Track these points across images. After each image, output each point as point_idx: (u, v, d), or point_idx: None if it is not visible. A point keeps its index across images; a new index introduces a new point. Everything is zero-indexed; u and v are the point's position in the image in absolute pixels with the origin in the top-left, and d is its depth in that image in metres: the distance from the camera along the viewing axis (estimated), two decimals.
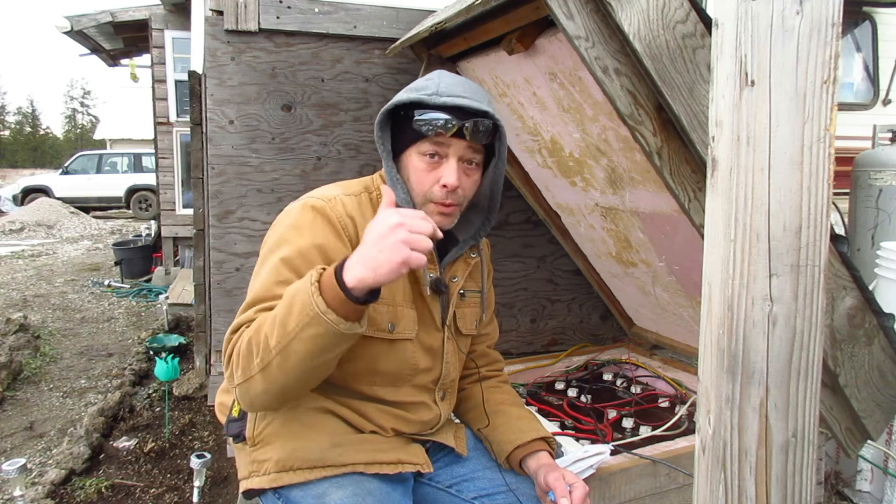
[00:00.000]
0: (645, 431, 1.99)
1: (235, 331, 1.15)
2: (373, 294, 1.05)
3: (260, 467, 1.24)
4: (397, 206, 1.20)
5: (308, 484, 1.21)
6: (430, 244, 1.03)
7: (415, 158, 1.28)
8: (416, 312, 1.33)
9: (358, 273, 1.01)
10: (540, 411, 2.13)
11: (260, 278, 1.20)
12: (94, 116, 54.35)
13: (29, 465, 2.81)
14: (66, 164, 16.17)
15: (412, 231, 1.01)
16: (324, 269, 1.07)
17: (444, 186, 1.25)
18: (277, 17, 2.25)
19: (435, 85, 1.27)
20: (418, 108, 1.25)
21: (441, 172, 1.26)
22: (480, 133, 1.24)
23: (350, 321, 1.04)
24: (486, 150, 1.33)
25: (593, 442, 1.86)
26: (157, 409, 3.45)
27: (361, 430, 1.29)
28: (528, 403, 2.23)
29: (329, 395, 1.27)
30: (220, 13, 2.20)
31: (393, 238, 1.00)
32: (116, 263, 7.47)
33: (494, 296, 1.62)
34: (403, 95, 1.28)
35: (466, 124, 1.22)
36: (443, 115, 1.22)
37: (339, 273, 1.03)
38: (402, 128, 1.30)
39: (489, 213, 1.41)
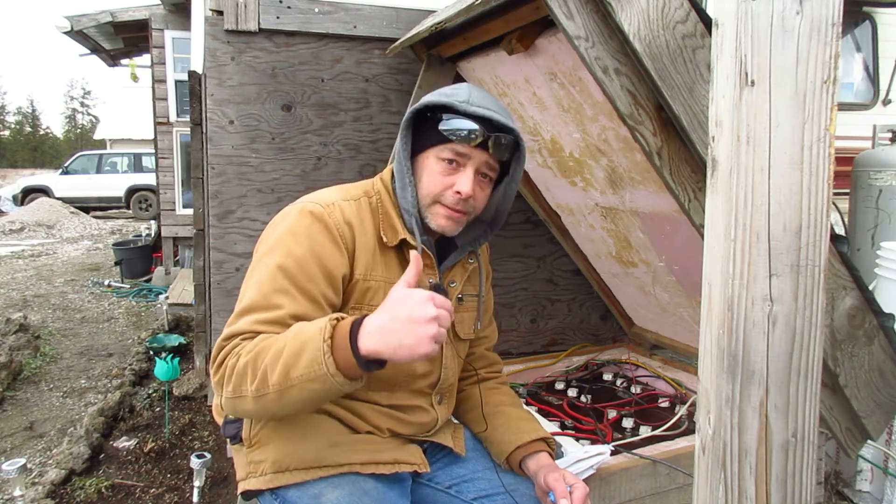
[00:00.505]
0: (645, 431, 1.99)
1: (229, 338, 1.14)
2: (381, 363, 1.05)
3: (257, 468, 1.24)
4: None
5: (304, 484, 1.21)
6: (445, 335, 1.04)
7: (432, 161, 1.28)
8: None
9: (375, 346, 1.01)
10: (540, 411, 2.13)
11: (255, 283, 1.19)
12: (94, 116, 54.38)
13: (29, 465, 2.80)
14: (66, 164, 16.17)
15: (442, 326, 1.01)
16: (337, 320, 1.05)
17: (458, 193, 1.25)
18: (277, 17, 2.24)
19: (466, 93, 1.28)
20: (446, 113, 1.25)
21: (456, 179, 1.26)
22: (502, 147, 1.26)
23: (354, 380, 1.05)
24: (501, 168, 1.34)
25: (593, 442, 1.86)
26: (157, 409, 3.45)
27: (357, 430, 1.29)
28: (527, 404, 2.23)
29: None
30: (220, 13, 2.20)
31: (424, 330, 0.99)
32: (116, 263, 7.47)
33: (493, 297, 1.62)
34: (434, 98, 1.28)
35: (492, 136, 1.23)
36: (471, 124, 1.23)
37: (353, 337, 1.02)
38: (423, 129, 1.30)
39: (490, 227, 1.43)
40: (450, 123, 1.24)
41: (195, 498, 2.30)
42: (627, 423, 2.06)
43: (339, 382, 1.02)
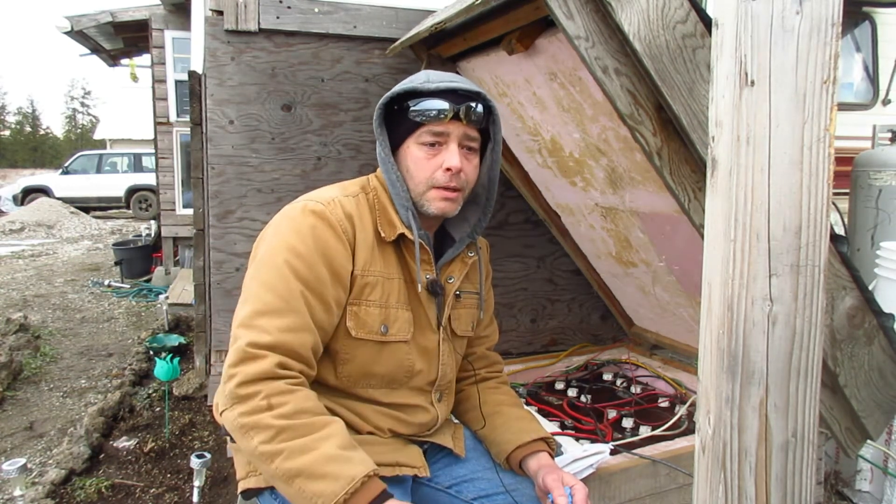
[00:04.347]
0: (645, 431, 1.99)
1: (257, 347, 1.12)
2: None
3: (256, 467, 1.24)
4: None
5: None
6: None
7: (414, 149, 1.28)
8: (411, 314, 1.32)
9: None
10: (540, 411, 2.13)
11: (265, 284, 1.18)
12: (94, 116, 54.36)
13: (29, 465, 2.80)
14: (66, 164, 16.17)
15: None
16: (367, 477, 1.08)
17: (448, 170, 1.25)
18: (277, 17, 2.24)
19: (424, 75, 1.29)
20: (412, 99, 1.26)
21: (442, 158, 1.26)
22: (475, 115, 1.26)
23: None
24: (481, 137, 1.34)
25: (593, 442, 1.86)
26: (157, 409, 3.45)
27: (359, 430, 1.29)
28: (527, 403, 2.23)
29: (326, 395, 1.27)
30: (220, 13, 2.20)
31: None
32: (116, 263, 7.47)
33: (493, 297, 1.62)
34: (396, 88, 1.29)
35: (461, 107, 1.24)
36: (438, 102, 1.23)
37: None
38: (397, 122, 1.30)
39: (485, 206, 1.41)
40: (419, 106, 1.25)
41: (195, 498, 2.30)
42: (627, 422, 2.06)
43: None
